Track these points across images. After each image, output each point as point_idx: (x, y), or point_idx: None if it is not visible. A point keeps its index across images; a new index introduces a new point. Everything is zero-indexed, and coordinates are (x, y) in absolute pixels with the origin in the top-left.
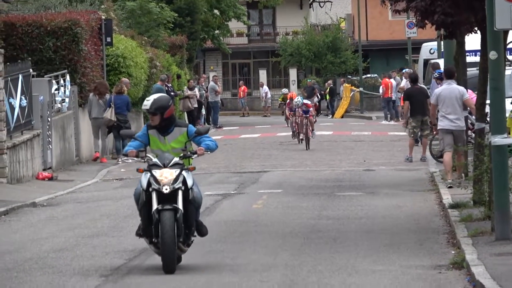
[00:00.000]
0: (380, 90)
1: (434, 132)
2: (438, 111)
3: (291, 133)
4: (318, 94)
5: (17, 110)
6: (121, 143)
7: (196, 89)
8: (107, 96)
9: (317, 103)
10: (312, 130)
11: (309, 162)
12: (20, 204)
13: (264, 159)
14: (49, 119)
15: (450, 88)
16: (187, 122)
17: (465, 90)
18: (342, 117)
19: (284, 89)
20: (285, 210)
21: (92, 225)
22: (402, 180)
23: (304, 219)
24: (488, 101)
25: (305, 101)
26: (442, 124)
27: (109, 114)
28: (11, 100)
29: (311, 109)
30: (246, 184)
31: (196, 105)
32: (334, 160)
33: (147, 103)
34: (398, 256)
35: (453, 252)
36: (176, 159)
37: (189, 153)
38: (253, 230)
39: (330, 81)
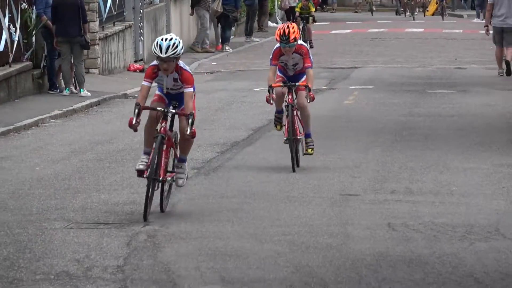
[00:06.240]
0: None
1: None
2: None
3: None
4: None
5: (109, 1)
6: (227, 32)
7: None
8: None
9: None
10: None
11: (401, 59)
12: (112, 95)
13: (355, 55)
14: (141, 10)
15: None
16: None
17: None
18: (433, 14)
19: None
20: (376, 106)
21: None
22: (493, 79)
23: (395, 115)
24: None
25: (300, 42)
26: (494, 22)
27: (216, 5)
28: None
29: (302, 79)
30: (337, 80)
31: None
32: (425, 57)
33: None
34: (490, 155)
35: None
36: None
37: None
38: (344, 126)
39: None
